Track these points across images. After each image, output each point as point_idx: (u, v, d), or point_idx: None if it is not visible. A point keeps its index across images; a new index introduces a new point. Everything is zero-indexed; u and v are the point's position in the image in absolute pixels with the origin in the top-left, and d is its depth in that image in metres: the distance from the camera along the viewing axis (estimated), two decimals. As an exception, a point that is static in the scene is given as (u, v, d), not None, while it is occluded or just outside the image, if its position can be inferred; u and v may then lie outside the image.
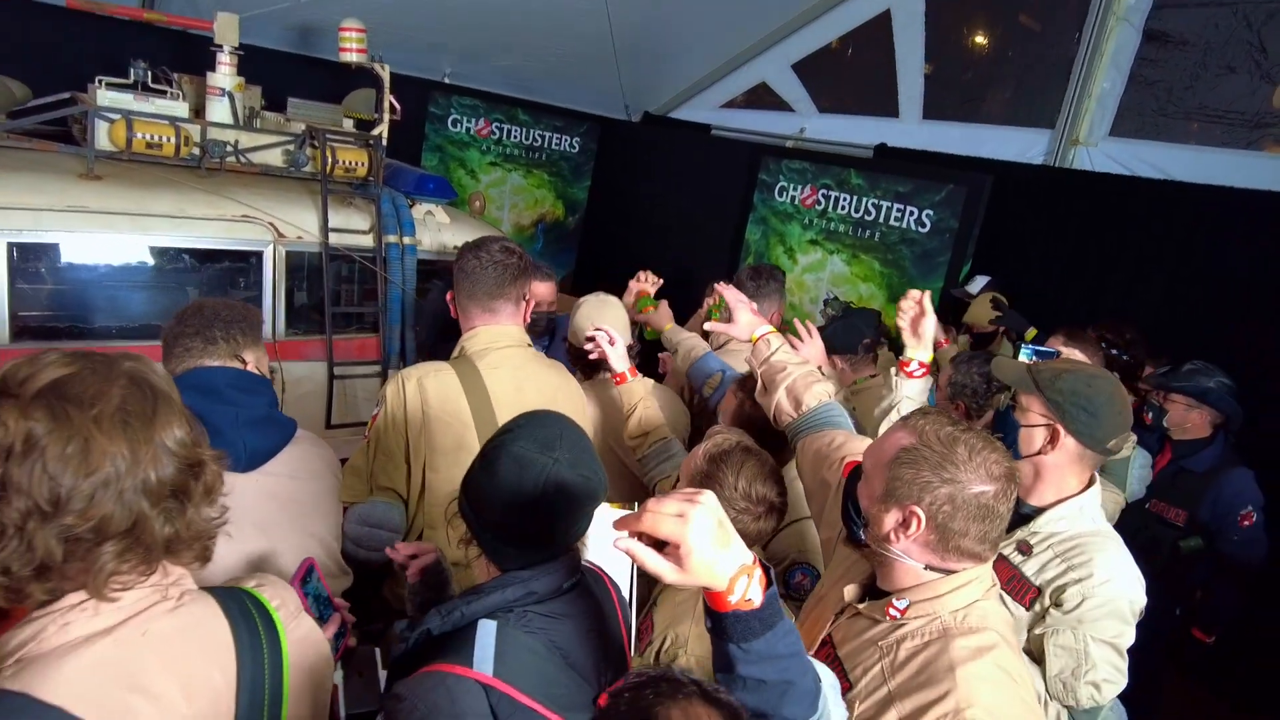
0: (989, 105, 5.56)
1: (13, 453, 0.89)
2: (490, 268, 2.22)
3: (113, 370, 0.98)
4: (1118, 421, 1.93)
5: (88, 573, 0.95)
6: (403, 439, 2.13)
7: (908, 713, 1.34)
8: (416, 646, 1.27)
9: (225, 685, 1.06)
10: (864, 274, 5.22)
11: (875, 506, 1.45)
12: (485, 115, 7.04)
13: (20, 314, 3.42)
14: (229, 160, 3.98)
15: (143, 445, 0.96)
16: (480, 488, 1.30)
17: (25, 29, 4.96)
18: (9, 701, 0.88)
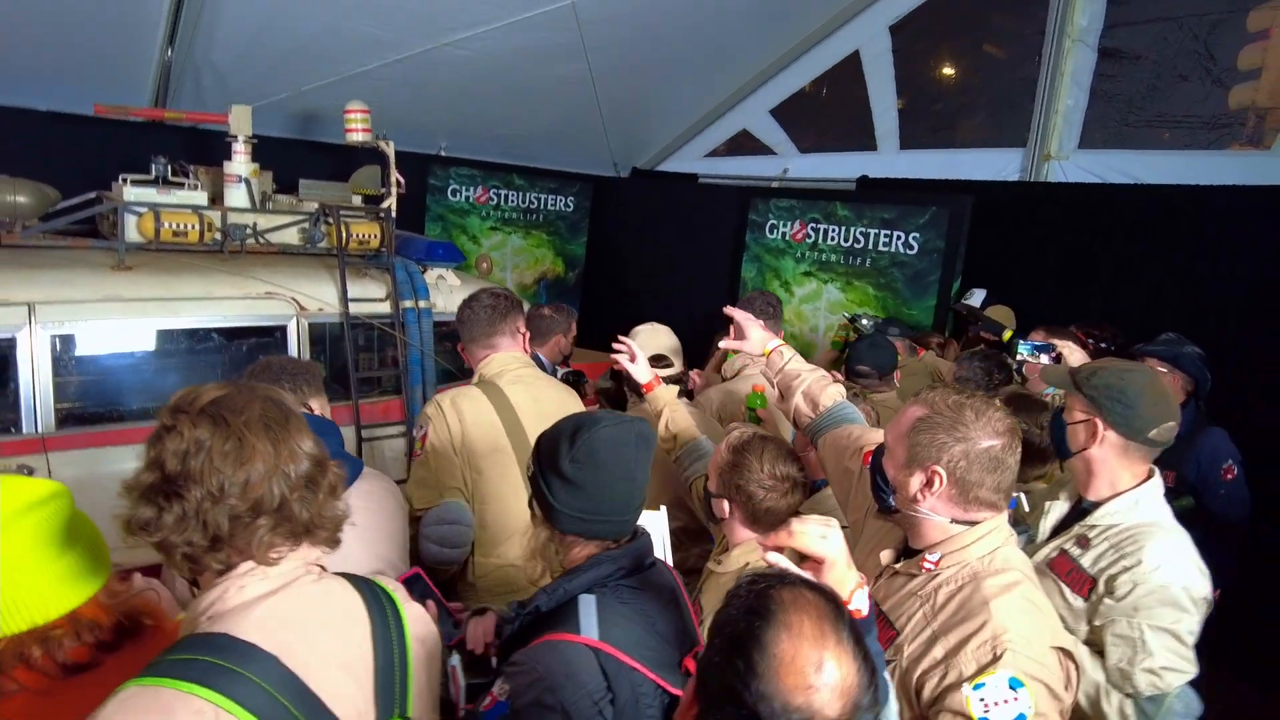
0: (962, 130, 5.84)
1: (189, 453, 1.14)
2: (482, 312, 2.61)
3: (254, 392, 1.25)
4: (1155, 412, 2.00)
5: (249, 544, 1.18)
6: (450, 446, 2.42)
7: (952, 645, 1.51)
8: (526, 623, 1.47)
9: (364, 641, 1.27)
10: (859, 299, 5.42)
11: (901, 473, 1.63)
12: (482, 183, 7.34)
13: (63, 403, 3.59)
14: (249, 242, 4.20)
15: (281, 444, 1.21)
16: (566, 472, 1.49)
17: (46, 135, 5.23)
18: (215, 639, 1.12)
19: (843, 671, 0.96)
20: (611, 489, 1.51)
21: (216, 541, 1.16)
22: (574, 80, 6.15)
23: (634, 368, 2.54)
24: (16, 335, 3.43)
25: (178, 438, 1.15)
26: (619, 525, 1.55)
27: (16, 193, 3.85)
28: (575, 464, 1.48)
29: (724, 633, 1.02)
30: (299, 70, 5.53)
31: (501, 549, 2.42)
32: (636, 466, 1.53)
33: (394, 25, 5.22)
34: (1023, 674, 1.44)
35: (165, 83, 5.25)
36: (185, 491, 1.13)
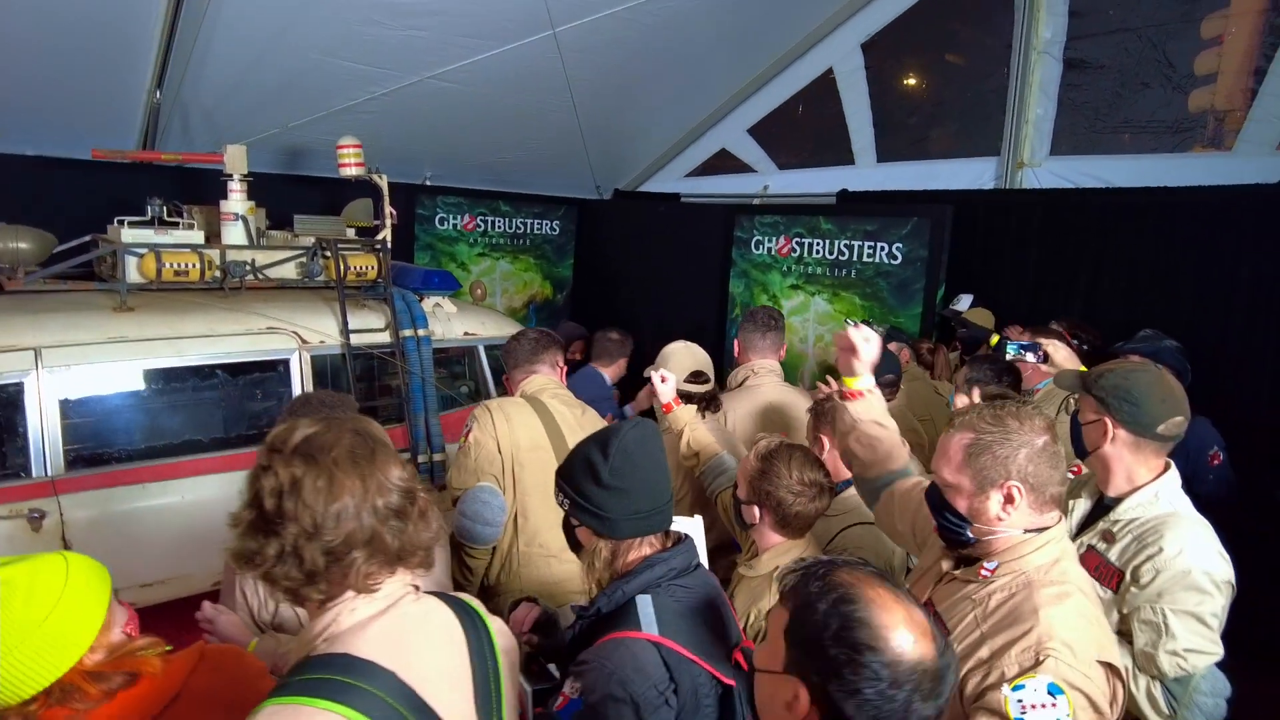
0: (936, 142, 6.01)
1: (284, 492, 1.22)
2: (527, 344, 2.97)
3: (344, 426, 1.32)
4: (1162, 407, 2.09)
5: (345, 577, 1.26)
6: (494, 442, 2.64)
7: (997, 646, 1.56)
8: (587, 625, 1.59)
9: (463, 655, 1.36)
10: (847, 310, 5.55)
11: (975, 500, 1.66)
12: (469, 210, 7.44)
13: (72, 445, 3.61)
14: (249, 278, 4.26)
15: (369, 478, 1.27)
16: (609, 483, 1.60)
17: (35, 180, 5.26)
18: (338, 659, 1.21)
19: (920, 617, 1.12)
20: (652, 482, 1.65)
21: (313, 576, 1.23)
22: (555, 107, 6.27)
23: (663, 388, 2.77)
24: (24, 380, 3.48)
25: (273, 477, 1.23)
26: (666, 513, 1.68)
27: (18, 239, 3.89)
28: (615, 472, 1.59)
29: (825, 632, 1.11)
30: (285, 107, 5.60)
31: (543, 538, 2.62)
32: (661, 456, 1.69)
33: (378, 60, 5.31)
34: (1063, 681, 1.47)
35: (154, 124, 5.30)
36: (281, 529, 1.21)
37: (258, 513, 1.23)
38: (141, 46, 4.63)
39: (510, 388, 3.03)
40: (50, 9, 4.16)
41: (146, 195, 4.45)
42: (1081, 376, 2.28)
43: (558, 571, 2.61)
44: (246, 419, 4.10)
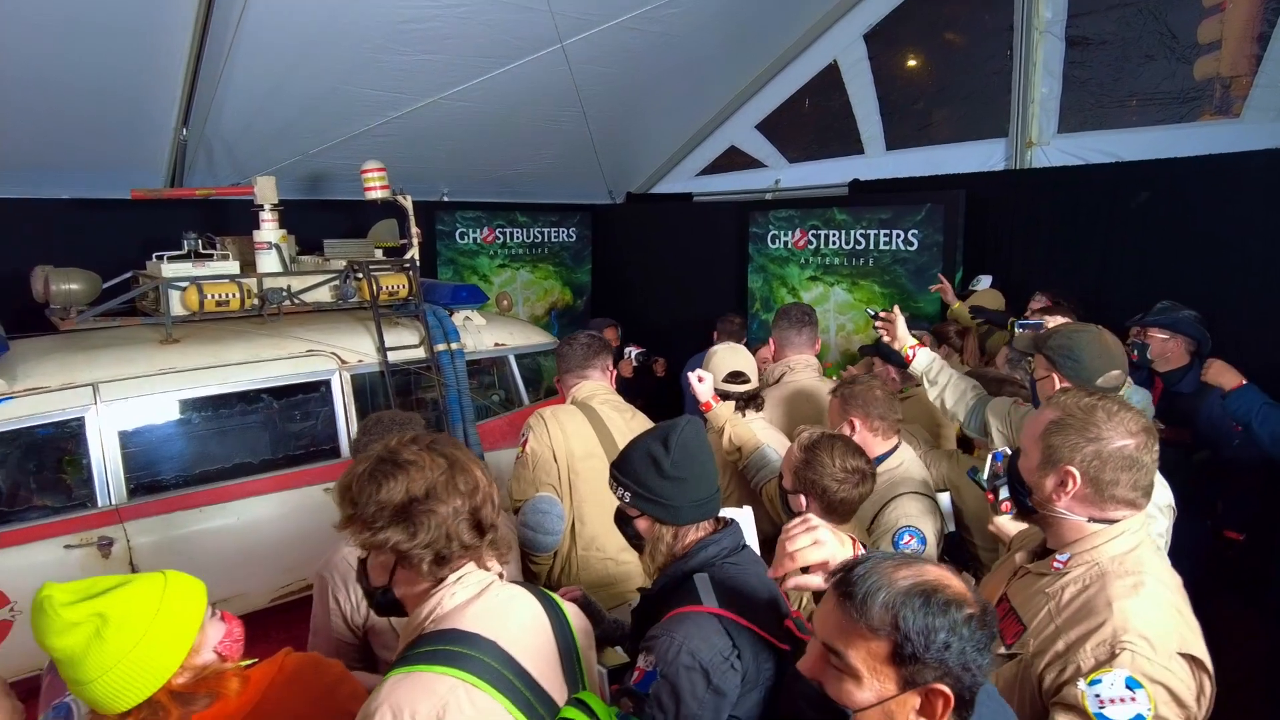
0: (944, 126, 6.07)
1: (436, 480, 1.42)
2: (578, 349, 3.03)
3: (443, 436, 1.53)
4: (1099, 364, 2.34)
5: (472, 553, 1.47)
6: (550, 451, 2.74)
7: (1072, 640, 1.57)
8: (649, 605, 1.73)
9: (547, 631, 1.52)
10: (866, 298, 5.64)
11: (1035, 475, 1.72)
12: (488, 223, 7.59)
13: (132, 474, 3.77)
14: (285, 304, 4.41)
15: (485, 472, 1.51)
16: (671, 474, 1.74)
17: (69, 222, 5.46)
18: (448, 633, 1.37)
19: (955, 580, 1.21)
20: (707, 471, 1.80)
21: (463, 549, 1.43)
22: (565, 117, 6.40)
23: (700, 387, 2.87)
24: (85, 414, 3.64)
25: (420, 470, 1.41)
26: (717, 501, 1.83)
27: (69, 281, 4.05)
28: (677, 464, 1.74)
29: (912, 607, 1.16)
30: (304, 135, 5.76)
31: (600, 542, 2.70)
32: (710, 450, 1.83)
33: (391, 85, 5.45)
34: (1141, 675, 1.46)
35: (181, 160, 5.47)
36: (437, 509, 1.40)
37: (406, 500, 1.39)
38: (167, 86, 4.78)
39: (561, 390, 3.12)
40: (79, 59, 4.31)
41: (177, 230, 4.62)
42: (1035, 338, 2.56)
43: (614, 572, 2.72)
44: (293, 440, 4.25)
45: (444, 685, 1.29)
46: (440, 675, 1.30)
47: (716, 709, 1.55)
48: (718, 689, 1.55)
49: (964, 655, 1.14)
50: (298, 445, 4.26)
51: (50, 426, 3.61)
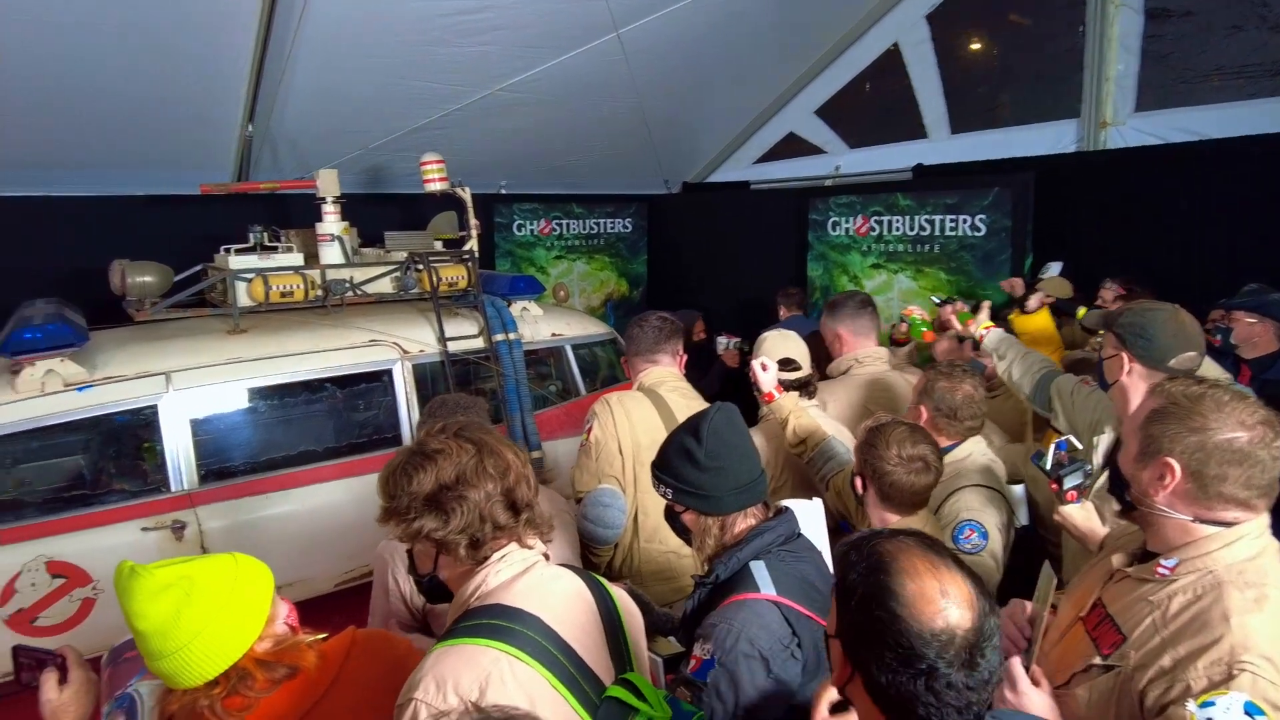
0: (1011, 108, 5.86)
1: (464, 466, 1.43)
2: (649, 331, 2.92)
3: (472, 422, 1.53)
4: (1173, 342, 2.21)
5: (509, 533, 1.47)
6: (615, 441, 2.69)
7: (1181, 656, 1.41)
8: (707, 593, 1.69)
9: (593, 611, 1.52)
10: (932, 286, 5.48)
11: (1133, 466, 1.59)
12: (544, 216, 7.63)
13: (203, 460, 3.88)
14: (348, 294, 4.48)
15: (518, 454, 1.51)
16: (706, 464, 1.71)
17: (143, 218, 5.65)
18: (492, 608, 1.38)
19: (960, 587, 1.11)
20: (744, 457, 1.75)
21: (498, 530, 1.42)
22: (620, 107, 6.36)
23: (763, 376, 2.78)
24: (158, 402, 3.74)
25: (448, 457, 1.41)
26: (762, 483, 1.78)
27: (143, 274, 4.18)
28: (711, 454, 1.71)
29: (856, 596, 1.15)
30: (364, 129, 5.84)
31: (663, 535, 2.63)
32: (747, 434, 1.80)
33: (448, 78, 5.48)
34: (1264, 701, 1.31)
35: (247, 155, 5.61)
36: (468, 494, 1.40)
37: (437, 487, 1.40)
38: (233, 85, 4.89)
39: (629, 372, 3.05)
40: (150, 63, 4.43)
41: (242, 224, 4.74)
42: (1105, 315, 2.42)
43: (676, 566, 2.66)
44: (356, 428, 4.32)
45: (487, 658, 1.30)
46: (484, 648, 1.31)
47: (778, 698, 1.52)
48: (778, 677, 1.52)
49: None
50: (361, 434, 4.33)
51: (126, 413, 3.73)
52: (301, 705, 1.41)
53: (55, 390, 3.51)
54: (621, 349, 3.61)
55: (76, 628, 3.49)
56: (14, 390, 3.46)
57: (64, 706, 1.57)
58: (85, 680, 1.62)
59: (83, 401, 3.56)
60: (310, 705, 1.42)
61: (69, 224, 5.43)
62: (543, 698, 1.31)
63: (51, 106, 4.58)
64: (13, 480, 3.82)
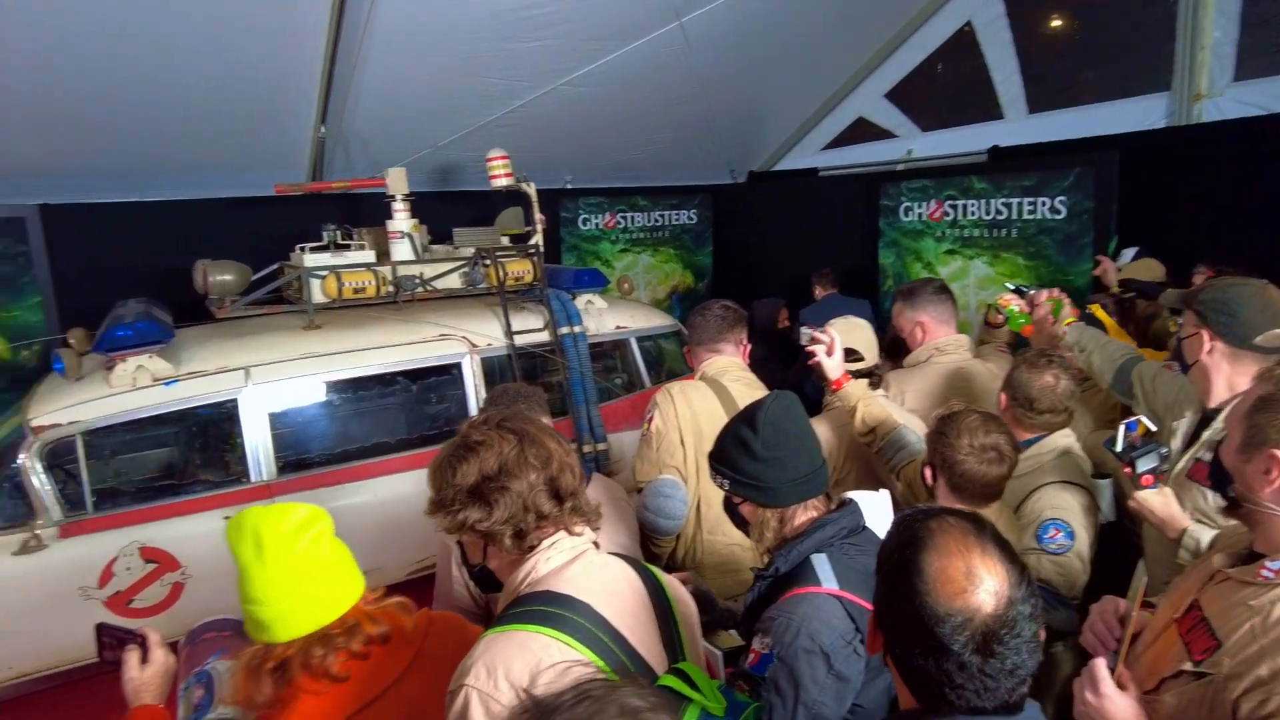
0: (1094, 84, 5.59)
1: (507, 456, 1.42)
2: (712, 320, 2.84)
3: (516, 412, 1.55)
4: (1259, 319, 2.09)
5: (554, 521, 1.45)
6: (676, 431, 2.64)
7: (1279, 666, 1.32)
8: (767, 586, 1.64)
9: (644, 599, 1.50)
10: (1009, 271, 5.28)
11: (1236, 459, 1.48)
12: (609, 209, 7.64)
13: (281, 452, 4.01)
14: (418, 290, 4.56)
15: (561, 445, 1.50)
16: (763, 455, 1.66)
17: (223, 219, 5.87)
18: (543, 594, 1.38)
19: (990, 574, 1.07)
20: (803, 448, 1.70)
21: (541, 519, 1.42)
22: (684, 97, 6.31)
23: (829, 362, 2.61)
24: (238, 396, 3.87)
25: (490, 449, 1.41)
26: (822, 474, 1.72)
27: (224, 273, 4.34)
28: (768, 444, 1.66)
29: (886, 567, 1.15)
30: (432, 128, 5.94)
31: (725, 526, 2.56)
32: (807, 424, 1.73)
33: (513, 74, 5.52)
34: None
35: (320, 157, 5.77)
36: (511, 485, 1.40)
37: (480, 479, 1.40)
38: (306, 88, 5.04)
39: (692, 362, 2.97)
40: (227, 71, 4.60)
41: (316, 223, 4.86)
42: (1184, 294, 2.30)
43: (740, 558, 2.60)
44: (426, 420, 4.40)
45: (538, 644, 1.30)
46: (535, 634, 1.31)
47: (839, 694, 1.47)
48: (839, 674, 1.47)
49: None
50: (431, 425, 4.42)
51: (209, 407, 3.88)
52: (388, 676, 1.44)
53: (144, 385, 3.67)
54: (686, 340, 3.57)
55: (167, 611, 3.65)
56: (108, 385, 3.63)
57: (145, 685, 1.63)
58: (165, 662, 1.67)
59: (169, 395, 3.71)
60: (396, 677, 1.44)
61: (157, 227, 5.68)
62: None
63: (140, 118, 4.81)
64: (110, 471, 4.03)
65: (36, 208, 5.36)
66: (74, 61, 4.21)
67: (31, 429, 3.47)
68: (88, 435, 3.59)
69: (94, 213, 5.53)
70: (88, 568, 3.50)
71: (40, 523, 3.46)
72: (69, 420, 3.53)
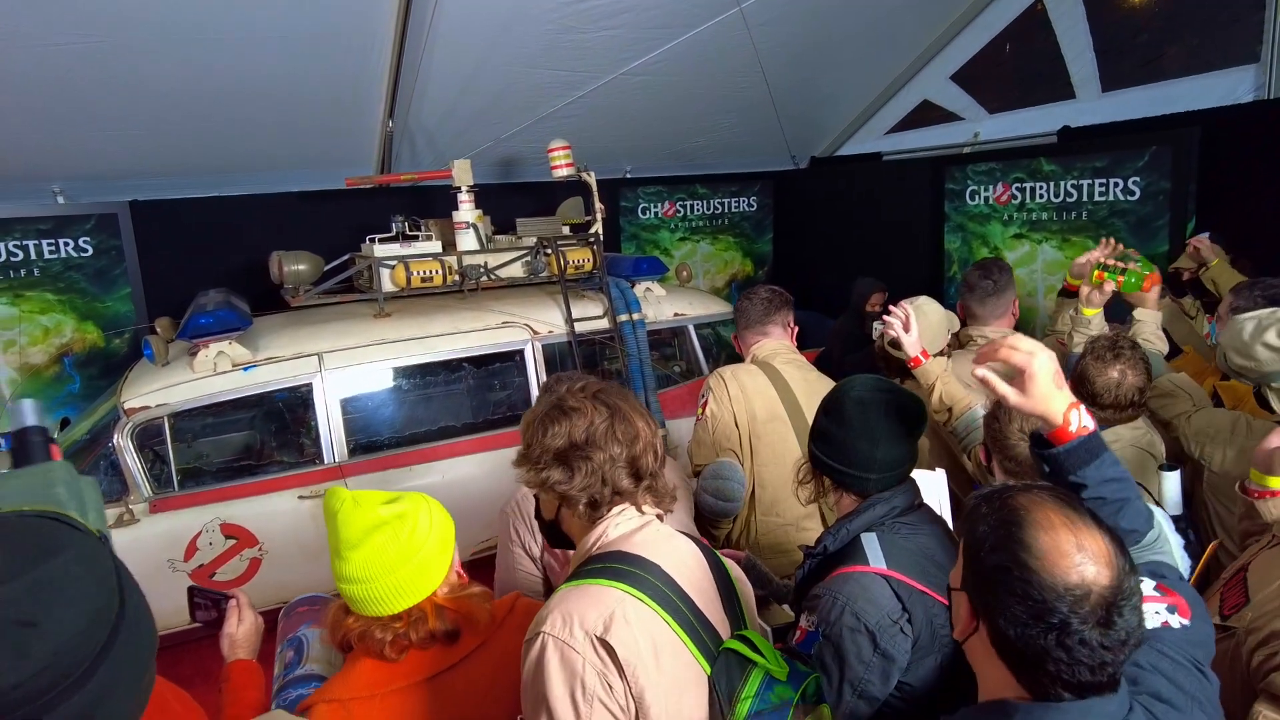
0: (1173, 59, 5.35)
1: (596, 427, 1.46)
2: (758, 304, 2.89)
3: (614, 387, 1.57)
4: None
5: (628, 498, 1.49)
6: (730, 414, 2.66)
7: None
8: (816, 564, 1.66)
9: (706, 569, 1.54)
10: (1079, 255, 5.11)
11: None
12: (668, 198, 7.66)
13: (352, 434, 4.17)
14: (483, 279, 4.67)
15: (650, 423, 1.53)
16: (833, 436, 1.68)
17: (299, 212, 6.10)
18: (615, 554, 1.43)
19: (1097, 543, 1.06)
20: (853, 444, 1.68)
21: (617, 494, 1.47)
22: (744, 83, 6.27)
23: (907, 338, 2.55)
24: (313, 381, 4.04)
25: (583, 417, 1.46)
26: (860, 481, 1.68)
27: (298, 263, 4.52)
28: (827, 415, 1.71)
29: (985, 547, 1.12)
30: (495, 120, 6.04)
31: (780, 508, 2.61)
32: (879, 430, 1.66)
33: (574, 65, 5.57)
34: None
35: (388, 150, 5.93)
36: (593, 455, 1.45)
37: (568, 444, 1.44)
38: (374, 83, 5.18)
39: (740, 348, 3.00)
40: (297, 69, 4.75)
41: (386, 214, 5.02)
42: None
43: (795, 539, 2.62)
44: (491, 405, 4.52)
45: (611, 597, 1.34)
46: (609, 588, 1.36)
47: (885, 673, 1.48)
48: (885, 653, 1.48)
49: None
50: (495, 410, 4.53)
51: (285, 391, 4.06)
52: (449, 659, 1.50)
53: (225, 370, 3.87)
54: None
55: (245, 584, 3.85)
56: (192, 370, 3.84)
57: (240, 641, 1.76)
58: (255, 621, 1.80)
59: (248, 380, 3.90)
60: (457, 661, 1.50)
61: (235, 221, 5.94)
62: (663, 640, 1.34)
63: (219, 119, 5.03)
64: (193, 452, 4.26)
65: (127, 204, 5.66)
66: (157, 69, 4.42)
67: (124, 410, 3.70)
68: (173, 417, 3.81)
69: (178, 208, 5.82)
70: (175, 542, 3.72)
71: (132, 499, 3.68)
72: (157, 403, 3.75)
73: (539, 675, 1.30)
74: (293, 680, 1.75)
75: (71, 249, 5.51)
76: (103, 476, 3.74)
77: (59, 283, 5.49)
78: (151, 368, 3.92)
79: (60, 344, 5.57)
